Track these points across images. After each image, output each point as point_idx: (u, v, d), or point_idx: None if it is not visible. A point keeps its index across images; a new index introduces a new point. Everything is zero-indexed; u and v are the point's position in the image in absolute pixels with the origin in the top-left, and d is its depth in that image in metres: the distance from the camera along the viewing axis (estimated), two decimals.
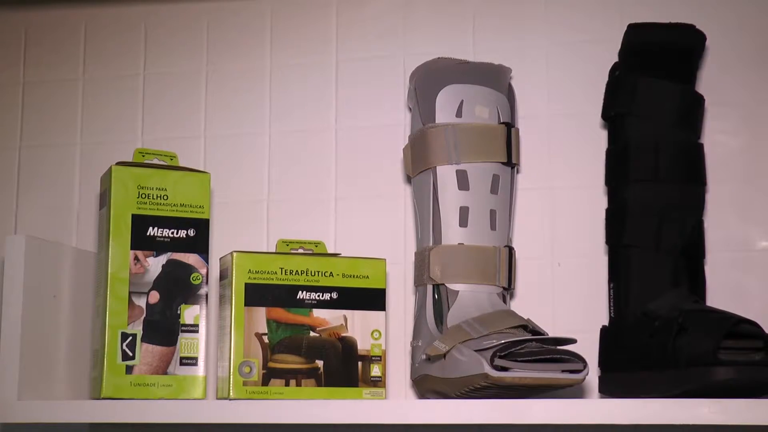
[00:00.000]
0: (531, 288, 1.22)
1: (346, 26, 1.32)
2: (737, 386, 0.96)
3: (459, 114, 1.15)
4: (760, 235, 1.17)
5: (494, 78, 1.18)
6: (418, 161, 1.17)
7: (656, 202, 1.10)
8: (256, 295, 1.10)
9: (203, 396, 1.12)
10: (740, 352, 0.97)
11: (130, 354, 1.10)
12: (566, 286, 1.21)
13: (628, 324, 1.08)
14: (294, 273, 1.11)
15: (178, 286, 1.12)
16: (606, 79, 1.18)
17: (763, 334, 0.98)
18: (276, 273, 1.11)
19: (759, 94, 1.17)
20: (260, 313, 1.10)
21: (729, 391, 0.96)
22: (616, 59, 1.17)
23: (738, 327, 0.98)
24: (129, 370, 1.10)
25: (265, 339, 1.10)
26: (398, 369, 1.23)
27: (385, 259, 1.15)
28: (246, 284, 1.10)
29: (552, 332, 1.18)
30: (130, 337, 1.10)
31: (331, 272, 1.12)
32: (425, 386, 1.12)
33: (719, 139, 1.18)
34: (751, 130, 1.18)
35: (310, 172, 1.31)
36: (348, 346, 1.12)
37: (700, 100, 1.14)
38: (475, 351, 1.02)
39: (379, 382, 1.13)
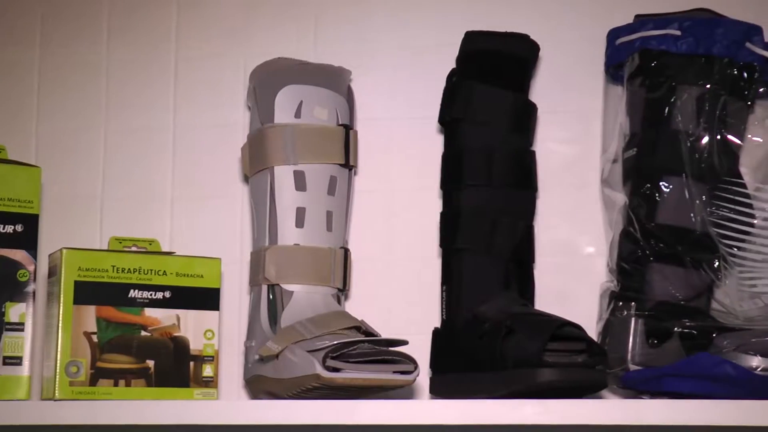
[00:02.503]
0: (366, 289, 1.23)
1: (186, 23, 1.31)
2: (561, 387, 0.99)
3: (298, 114, 1.15)
4: (586, 241, 1.20)
5: (334, 80, 1.19)
6: (256, 161, 1.17)
7: (489, 206, 1.12)
8: (86, 293, 1.07)
9: (27, 397, 1.09)
10: (564, 354, 1.00)
11: None
12: (401, 287, 1.23)
13: (459, 326, 1.10)
14: (126, 271, 1.09)
15: (3, 283, 1.09)
16: (444, 84, 1.19)
17: (586, 336, 1.02)
18: (107, 271, 1.09)
19: (589, 104, 1.21)
20: (90, 312, 1.07)
21: (553, 391, 0.99)
22: (454, 65, 1.19)
23: (563, 330, 1.01)
24: None
25: (94, 338, 1.07)
26: (232, 369, 1.22)
27: (220, 259, 1.14)
28: (75, 282, 1.07)
29: (386, 334, 1.19)
30: None
31: (164, 271, 1.11)
32: (258, 387, 1.12)
33: (550, 147, 1.22)
34: (581, 138, 1.22)
35: (146, 170, 1.29)
36: (180, 345, 1.11)
37: (533, 108, 1.17)
38: (308, 352, 1.02)
39: (211, 383, 1.12)
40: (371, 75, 1.26)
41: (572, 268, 1.20)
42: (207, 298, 1.12)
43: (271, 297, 1.14)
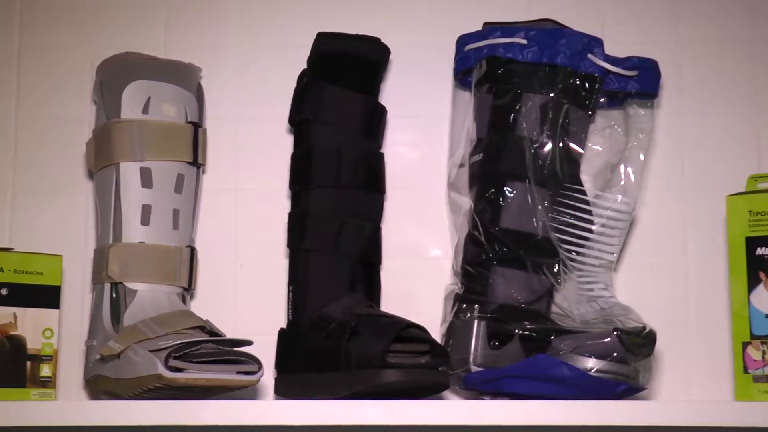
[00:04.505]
0: (214, 289, 1.22)
1: (30, 11, 1.27)
2: (404, 388, 1.00)
3: (146, 110, 1.14)
4: (432, 244, 1.22)
5: (184, 76, 1.18)
6: (101, 156, 1.15)
7: (337, 207, 1.13)
8: None
9: None
10: (408, 356, 1.02)
11: None
12: (248, 287, 1.22)
13: (305, 326, 1.10)
14: None
15: None
16: (295, 84, 1.19)
17: (429, 338, 1.03)
18: None
19: (437, 108, 1.22)
20: None
21: (396, 392, 1.00)
22: (306, 66, 1.19)
23: (407, 331, 1.02)
24: None
25: None
26: (72, 369, 1.20)
27: (61, 256, 1.12)
28: None
29: (233, 334, 1.18)
30: None
31: (1, 267, 1.08)
32: (98, 387, 1.10)
33: (399, 150, 1.23)
34: (429, 142, 1.23)
35: None
36: (16, 344, 1.07)
37: (382, 111, 1.18)
38: (150, 351, 1.01)
39: (49, 383, 1.09)
40: (222, 73, 1.25)
41: (418, 271, 1.21)
42: (46, 296, 1.09)
43: (114, 295, 1.12)
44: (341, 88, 1.14)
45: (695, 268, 1.21)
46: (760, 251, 1.05)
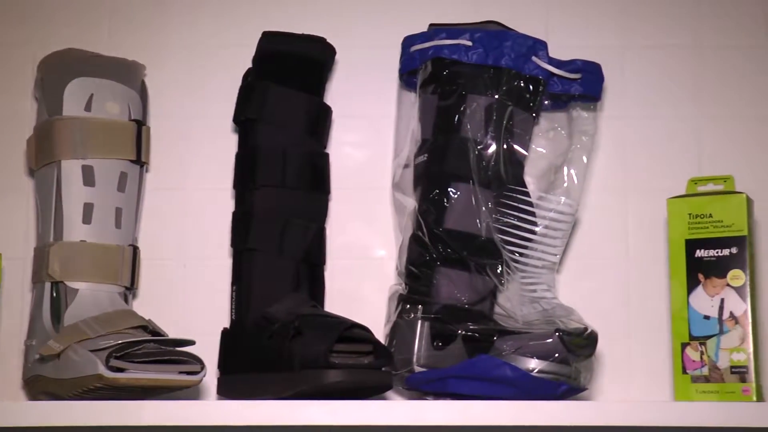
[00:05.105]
0: (158, 288, 1.21)
1: None
2: (347, 388, 1.00)
3: (88, 108, 1.13)
4: (377, 244, 1.22)
5: (127, 74, 1.17)
6: (42, 154, 1.14)
7: (281, 207, 1.12)
8: None
9: None
10: (351, 356, 1.02)
11: None
12: (193, 287, 1.22)
13: (248, 326, 1.10)
14: None
15: None
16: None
17: (372, 338, 1.03)
18: None
19: (383, 109, 1.22)
20: None
21: (340, 392, 1.00)
22: (251, 65, 1.19)
23: (350, 331, 1.02)
24: None
25: None
26: (11, 369, 1.18)
27: (0, 254, 1.10)
28: None
29: (177, 334, 1.17)
30: None
31: None
32: (38, 387, 1.08)
33: (344, 150, 1.23)
34: (374, 143, 1.23)
35: None
36: None
37: (327, 111, 1.18)
38: (91, 351, 1.00)
39: None
40: (167, 71, 1.24)
41: (363, 271, 1.21)
42: None
43: (54, 294, 1.10)
44: (286, 87, 1.14)
45: (636, 269, 1.22)
46: (699, 253, 1.06)
